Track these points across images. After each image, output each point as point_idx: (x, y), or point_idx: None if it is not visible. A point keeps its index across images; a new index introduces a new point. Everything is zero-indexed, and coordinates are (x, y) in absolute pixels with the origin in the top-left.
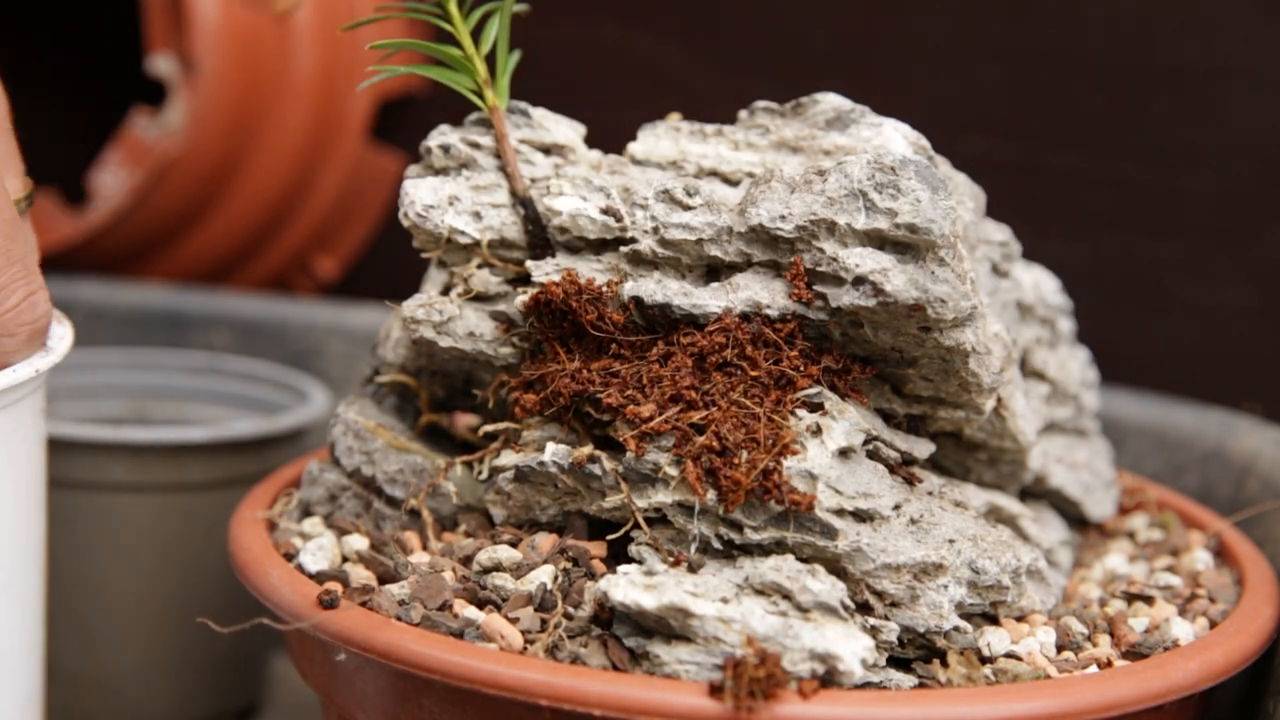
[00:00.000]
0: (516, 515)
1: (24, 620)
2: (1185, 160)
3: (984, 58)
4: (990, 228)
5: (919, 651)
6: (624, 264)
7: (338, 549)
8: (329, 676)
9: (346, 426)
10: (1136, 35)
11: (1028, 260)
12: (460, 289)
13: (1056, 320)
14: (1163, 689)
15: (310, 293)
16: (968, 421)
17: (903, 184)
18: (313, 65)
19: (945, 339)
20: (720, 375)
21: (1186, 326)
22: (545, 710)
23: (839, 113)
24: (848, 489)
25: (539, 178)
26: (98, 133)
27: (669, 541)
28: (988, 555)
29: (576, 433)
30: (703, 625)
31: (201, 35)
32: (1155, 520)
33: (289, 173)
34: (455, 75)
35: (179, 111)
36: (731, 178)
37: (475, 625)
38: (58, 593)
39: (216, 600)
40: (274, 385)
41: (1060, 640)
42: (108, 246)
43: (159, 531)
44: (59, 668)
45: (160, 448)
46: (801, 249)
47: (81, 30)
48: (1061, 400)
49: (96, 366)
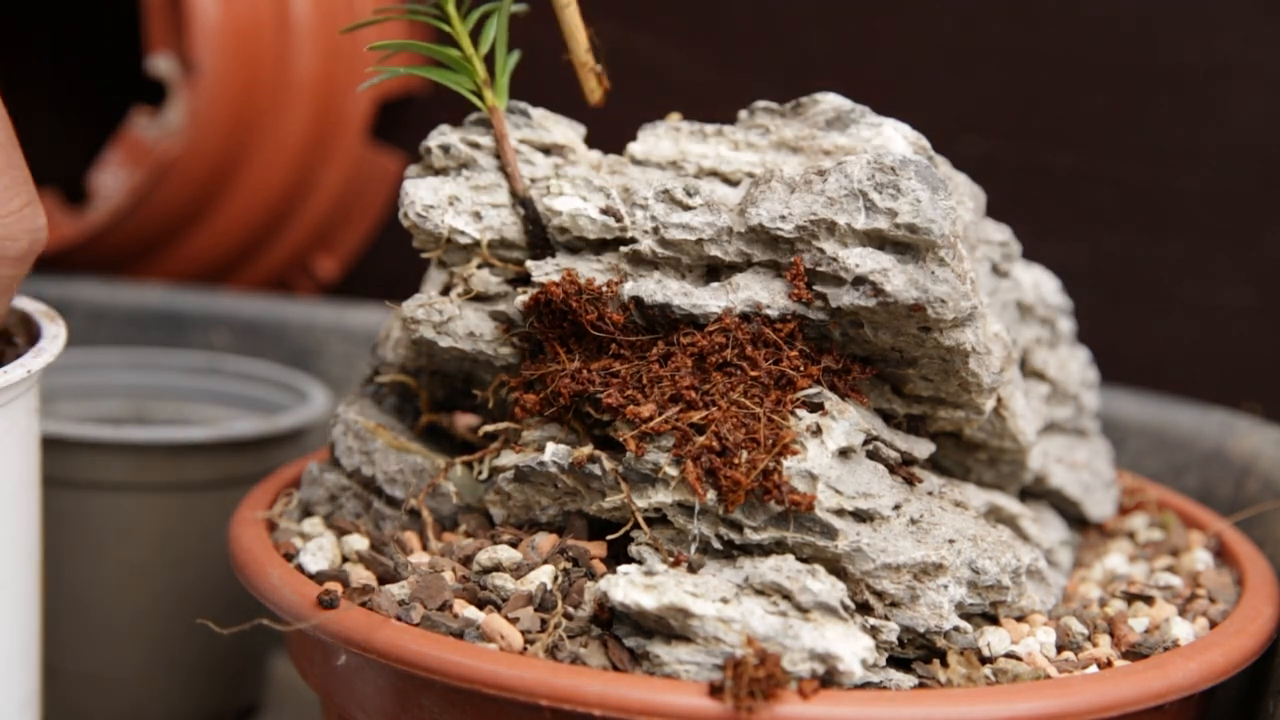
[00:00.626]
0: (516, 515)
1: (21, 619)
2: (1185, 160)
3: (984, 58)
4: (990, 228)
5: (919, 651)
6: (624, 264)
7: (338, 549)
8: (329, 676)
9: (346, 426)
10: (1136, 35)
11: (1028, 260)
12: (460, 289)
13: (1056, 320)
14: (1163, 689)
15: (310, 293)
16: (968, 421)
17: (903, 184)
18: (313, 65)
19: (945, 339)
20: (720, 375)
21: (1186, 326)
22: (545, 710)
23: (839, 113)
24: (848, 489)
25: (539, 178)
26: (98, 133)
27: (669, 541)
28: (988, 555)
29: (576, 433)
30: (703, 625)
31: (201, 35)
32: (1155, 520)
33: (289, 173)
34: (455, 76)
35: (179, 111)
36: (731, 178)
37: (475, 625)
38: (57, 592)
39: (216, 600)
40: (274, 385)
41: (1060, 640)
42: (108, 246)
43: (159, 531)
44: (58, 667)
45: (160, 448)
46: (801, 249)
47: (81, 30)
48: (1061, 400)
49: (96, 366)
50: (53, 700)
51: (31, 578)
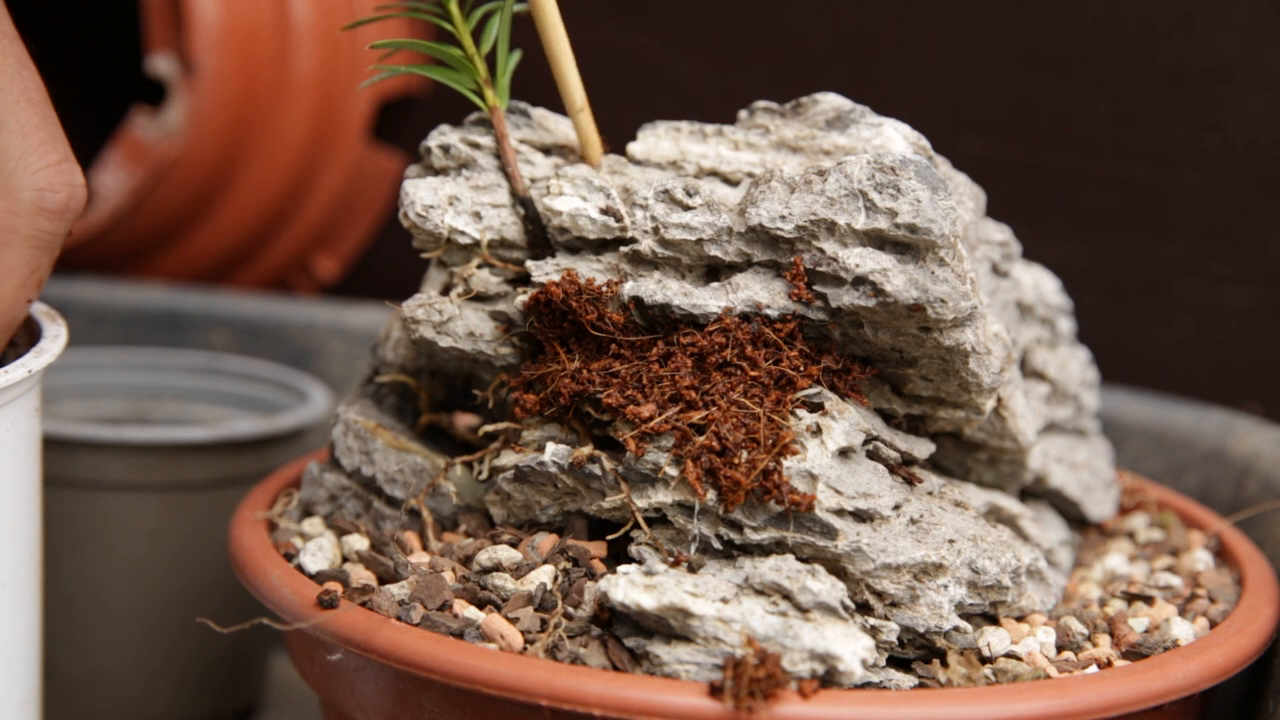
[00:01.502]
0: (516, 515)
1: (21, 619)
2: (1185, 160)
3: (984, 58)
4: (990, 228)
5: (919, 651)
6: (624, 264)
7: (338, 549)
8: (329, 676)
9: (346, 426)
10: (1136, 35)
11: (1028, 260)
12: (460, 289)
13: (1056, 320)
14: (1163, 689)
15: (310, 293)
16: (968, 421)
17: (903, 184)
18: (313, 65)
19: (945, 339)
20: (720, 375)
21: (1186, 326)
22: (545, 710)
23: (839, 113)
24: (848, 489)
25: (539, 178)
26: (98, 133)
27: (669, 541)
28: (988, 555)
29: (576, 433)
30: (703, 625)
31: (201, 35)
32: (1155, 520)
33: (289, 173)
34: (455, 75)
35: (179, 111)
36: (731, 178)
37: (475, 625)
38: (57, 592)
39: (216, 600)
40: (274, 385)
41: (1060, 640)
42: (108, 246)
43: (159, 531)
44: (58, 667)
45: (160, 448)
46: (801, 249)
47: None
48: (1061, 400)
49: (96, 366)
50: (53, 700)
51: (32, 578)
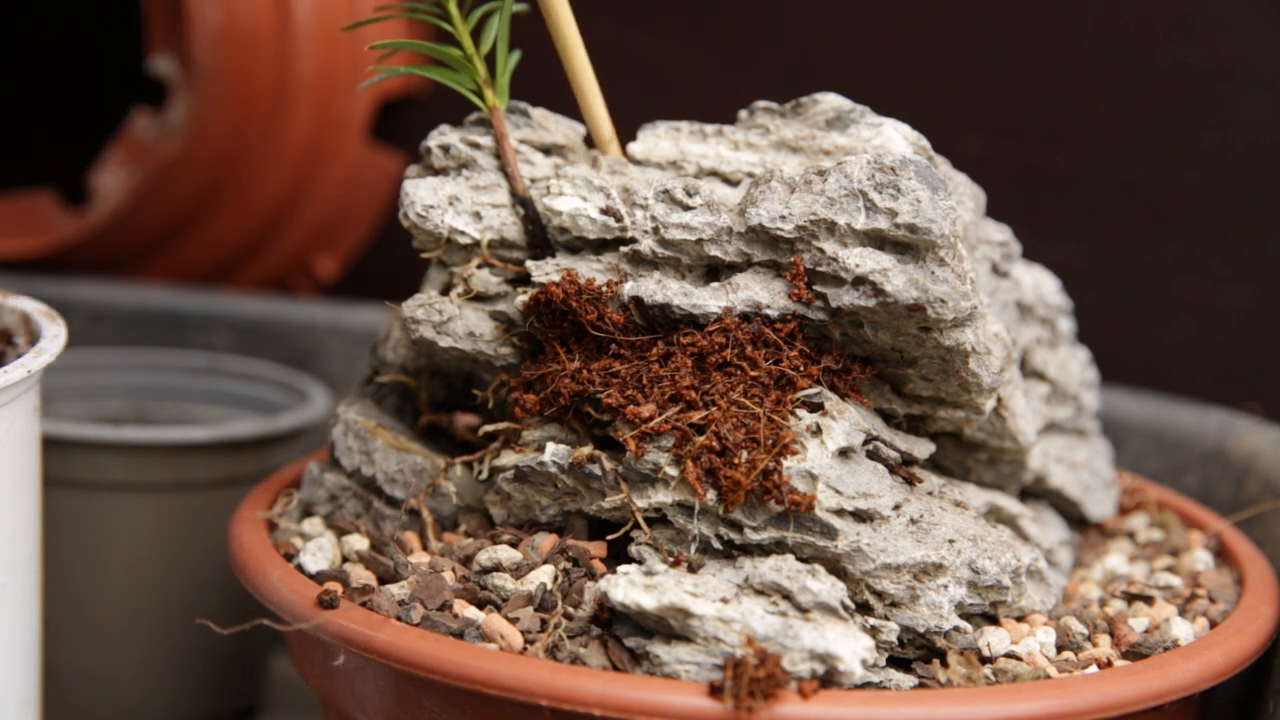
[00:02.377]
0: (516, 515)
1: (21, 619)
2: (1185, 160)
3: (984, 58)
4: (990, 228)
5: (919, 651)
6: (624, 264)
7: (338, 549)
8: (329, 676)
9: (346, 426)
10: (1136, 35)
11: (1028, 260)
12: (460, 289)
13: (1056, 320)
14: (1163, 689)
15: (310, 293)
16: (968, 421)
17: (903, 184)
18: (313, 65)
19: (945, 339)
20: (720, 375)
21: (1186, 326)
22: (545, 710)
23: (839, 113)
24: (848, 489)
25: (539, 178)
26: (98, 133)
27: (669, 541)
28: (988, 555)
29: (576, 433)
30: (703, 625)
31: (201, 35)
32: (1155, 520)
33: (289, 173)
34: (455, 75)
35: (179, 111)
36: (731, 178)
37: (475, 625)
38: (58, 592)
39: (216, 600)
40: (274, 385)
41: (1060, 640)
42: (108, 246)
43: (159, 531)
44: (59, 667)
45: (160, 448)
46: (801, 249)
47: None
48: (1061, 400)
49: (96, 366)
50: (53, 700)
51: (32, 578)
